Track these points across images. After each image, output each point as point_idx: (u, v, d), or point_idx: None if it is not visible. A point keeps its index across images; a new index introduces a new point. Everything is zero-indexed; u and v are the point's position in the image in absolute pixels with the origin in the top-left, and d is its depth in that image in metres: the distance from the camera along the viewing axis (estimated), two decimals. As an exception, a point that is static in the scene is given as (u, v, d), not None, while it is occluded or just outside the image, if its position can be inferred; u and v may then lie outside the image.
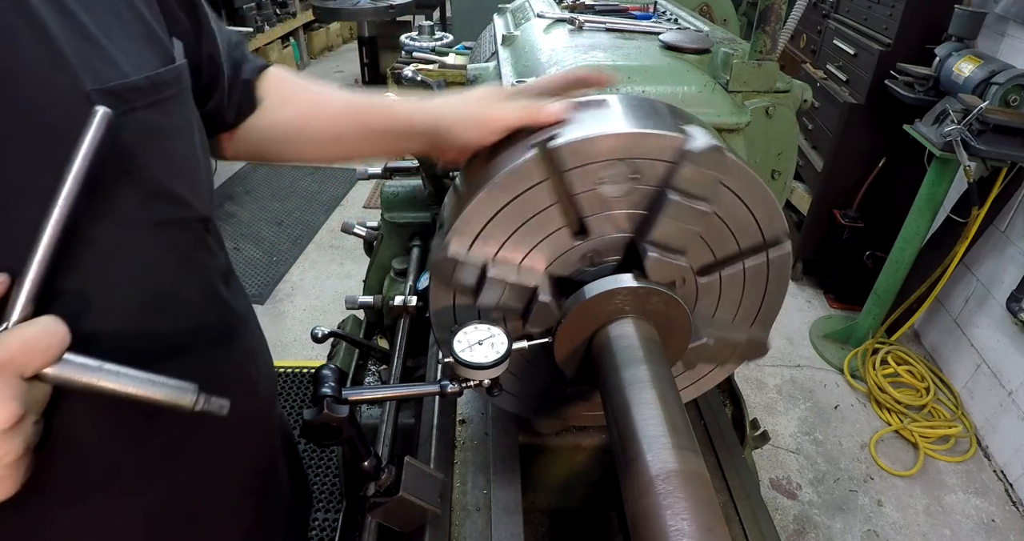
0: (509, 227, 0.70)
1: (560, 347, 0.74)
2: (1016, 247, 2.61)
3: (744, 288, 0.79)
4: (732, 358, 0.84)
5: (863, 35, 3.03)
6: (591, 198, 0.69)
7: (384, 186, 1.63)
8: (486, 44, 1.53)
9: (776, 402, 2.89)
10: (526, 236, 0.71)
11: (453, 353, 0.69)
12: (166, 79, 0.64)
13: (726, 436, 1.09)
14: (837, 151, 3.11)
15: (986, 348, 2.75)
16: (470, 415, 1.04)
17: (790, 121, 0.98)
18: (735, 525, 0.94)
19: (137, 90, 0.60)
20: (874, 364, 2.95)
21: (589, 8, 1.27)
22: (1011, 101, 2.31)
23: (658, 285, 0.70)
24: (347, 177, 4.69)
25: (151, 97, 0.61)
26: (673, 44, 0.99)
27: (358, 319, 1.78)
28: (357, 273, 3.58)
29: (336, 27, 8.07)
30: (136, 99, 0.60)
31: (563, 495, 1.04)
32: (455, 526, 0.88)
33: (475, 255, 0.71)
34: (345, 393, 0.73)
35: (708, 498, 0.54)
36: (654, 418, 0.60)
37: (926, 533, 2.35)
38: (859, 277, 3.24)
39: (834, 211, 3.24)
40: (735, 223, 0.73)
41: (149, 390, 0.51)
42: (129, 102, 0.59)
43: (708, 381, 0.90)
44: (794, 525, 2.34)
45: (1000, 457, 2.62)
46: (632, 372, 0.65)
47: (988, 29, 2.70)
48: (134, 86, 0.59)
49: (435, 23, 4.79)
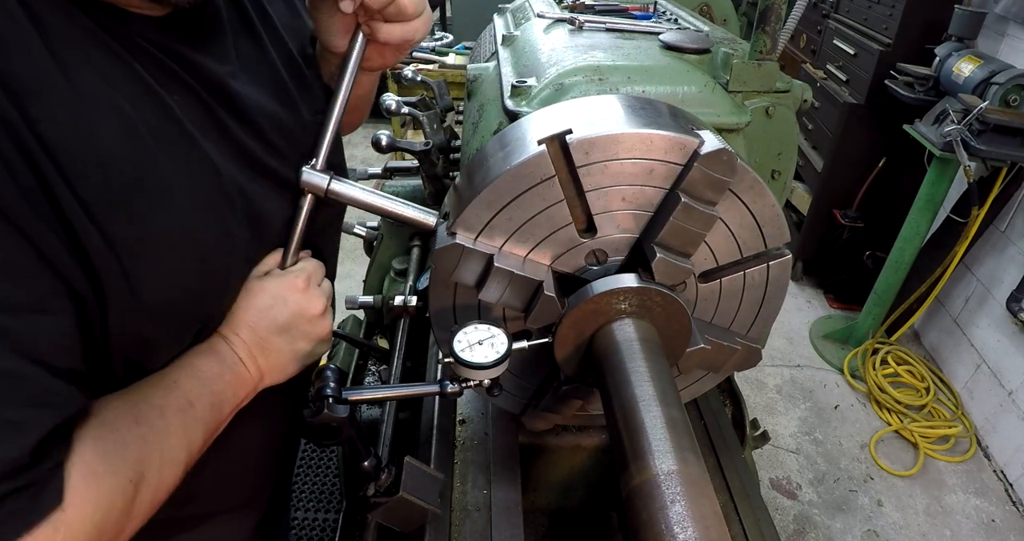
0: (517, 220, 0.69)
1: (560, 346, 0.74)
2: (1016, 247, 2.61)
3: (743, 296, 0.79)
4: (726, 366, 0.84)
5: (863, 35, 3.03)
6: (601, 196, 0.69)
7: (384, 186, 1.63)
8: (486, 44, 1.53)
9: (776, 402, 2.89)
10: (534, 230, 0.70)
11: (453, 353, 0.69)
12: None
13: (726, 436, 1.09)
14: (837, 151, 3.11)
15: (986, 348, 2.75)
16: (470, 415, 1.04)
17: (790, 121, 0.98)
18: (735, 525, 0.94)
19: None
20: (874, 364, 2.95)
21: (589, 8, 1.27)
22: (1011, 101, 2.31)
23: (661, 286, 0.70)
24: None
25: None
26: (673, 44, 0.99)
27: (358, 319, 1.78)
28: (357, 273, 3.57)
29: (336, 27, 8.06)
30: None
31: (563, 495, 1.04)
32: (455, 526, 0.88)
33: (481, 245, 0.70)
34: (345, 393, 0.73)
35: (708, 498, 0.54)
36: (654, 418, 0.60)
37: (926, 533, 2.35)
38: (859, 277, 3.24)
39: (834, 211, 3.24)
40: (740, 230, 0.74)
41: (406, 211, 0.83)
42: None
43: (708, 381, 0.90)
44: (794, 525, 2.35)
45: (1000, 457, 2.62)
46: (632, 372, 0.65)
47: (988, 29, 2.70)
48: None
49: (435, 23, 4.79)
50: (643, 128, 0.67)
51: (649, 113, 0.71)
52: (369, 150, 5.04)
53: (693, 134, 0.67)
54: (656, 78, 0.90)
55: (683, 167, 0.67)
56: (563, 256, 0.73)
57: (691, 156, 0.67)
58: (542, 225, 0.70)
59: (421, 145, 1.45)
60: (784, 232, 0.75)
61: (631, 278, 0.70)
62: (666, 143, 0.66)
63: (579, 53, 0.95)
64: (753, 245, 0.75)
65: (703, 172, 0.66)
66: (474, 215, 0.69)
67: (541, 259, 0.73)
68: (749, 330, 0.83)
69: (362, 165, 1.78)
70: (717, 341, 0.79)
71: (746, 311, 0.81)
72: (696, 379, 0.89)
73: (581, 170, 0.67)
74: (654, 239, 0.70)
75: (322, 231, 0.87)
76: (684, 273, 0.72)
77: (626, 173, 0.68)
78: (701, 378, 0.89)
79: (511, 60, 1.06)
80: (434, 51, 3.84)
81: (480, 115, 1.05)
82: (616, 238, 0.73)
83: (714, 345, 0.79)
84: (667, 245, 0.70)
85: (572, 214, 0.70)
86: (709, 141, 0.66)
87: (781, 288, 0.79)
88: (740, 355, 0.82)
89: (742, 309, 0.81)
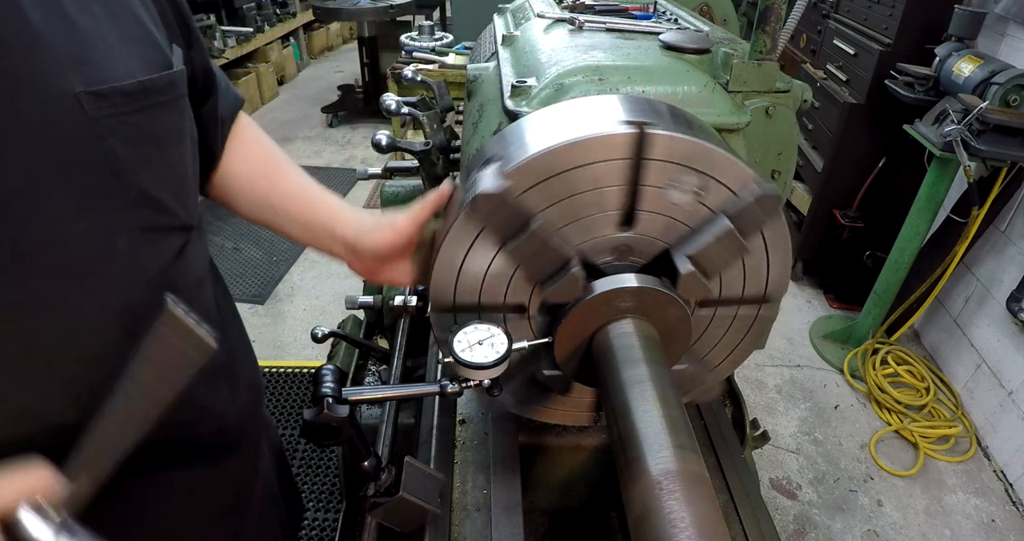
0: (565, 192, 0.68)
1: (560, 346, 0.74)
2: (1016, 247, 2.61)
3: (726, 332, 0.82)
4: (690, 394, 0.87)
5: (863, 35, 3.03)
6: (654, 195, 0.70)
7: (384, 186, 1.62)
8: (486, 44, 1.53)
9: (776, 402, 2.88)
10: (575, 206, 0.69)
11: (453, 353, 0.69)
12: (158, 85, 0.63)
13: (726, 436, 1.09)
14: (837, 151, 3.11)
15: (986, 348, 2.75)
16: (470, 415, 1.04)
17: (790, 121, 0.98)
18: (735, 525, 0.94)
19: (126, 94, 0.59)
20: (874, 364, 2.95)
21: (589, 8, 1.27)
22: (1011, 101, 2.30)
23: (663, 287, 0.71)
24: (347, 177, 4.69)
25: (141, 102, 0.61)
26: (673, 44, 0.99)
27: (358, 319, 1.78)
28: (357, 273, 3.58)
29: (336, 27, 8.08)
30: (125, 104, 0.59)
31: (563, 495, 1.04)
32: (455, 526, 0.88)
33: (526, 201, 0.67)
34: (345, 393, 0.73)
35: (708, 498, 0.54)
36: (654, 418, 0.60)
37: (926, 533, 2.35)
38: (859, 277, 3.24)
39: (834, 211, 3.24)
40: (751, 271, 0.76)
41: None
42: (117, 106, 0.58)
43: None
44: (794, 525, 2.34)
45: (1000, 457, 2.62)
46: (633, 372, 0.65)
47: (988, 29, 2.69)
48: (123, 90, 0.59)
49: (435, 23, 4.79)
50: (725, 150, 0.69)
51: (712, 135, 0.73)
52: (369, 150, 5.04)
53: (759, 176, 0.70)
54: (656, 78, 0.90)
55: (735, 195, 0.70)
56: (591, 242, 0.73)
57: (747, 187, 0.69)
58: (586, 204, 0.69)
59: (421, 145, 1.45)
60: (785, 286, 0.78)
61: (632, 278, 0.70)
62: (731, 166, 0.68)
63: (579, 53, 0.95)
64: (756, 289, 0.78)
65: (752, 206, 0.69)
66: (532, 167, 0.66)
67: (573, 237, 0.72)
68: (718, 366, 0.86)
69: (362, 165, 1.78)
70: (691, 367, 0.82)
71: (722, 347, 0.84)
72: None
73: (650, 163, 0.67)
74: (686, 252, 0.71)
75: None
76: (704, 292, 0.73)
77: (687, 182, 0.69)
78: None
79: (511, 60, 1.06)
80: (434, 51, 3.84)
81: (480, 115, 1.05)
82: (649, 240, 0.73)
83: (691, 369, 0.82)
84: (696, 262, 0.71)
85: (621, 202, 0.70)
86: (768, 184, 0.70)
87: (759, 335, 0.83)
88: (704, 387, 0.85)
89: (720, 344, 0.83)
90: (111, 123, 0.58)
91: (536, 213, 0.68)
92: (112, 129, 0.58)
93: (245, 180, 0.89)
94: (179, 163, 0.69)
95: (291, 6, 6.59)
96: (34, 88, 0.53)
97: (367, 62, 5.60)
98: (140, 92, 0.61)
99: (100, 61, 0.58)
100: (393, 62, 4.11)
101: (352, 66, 6.74)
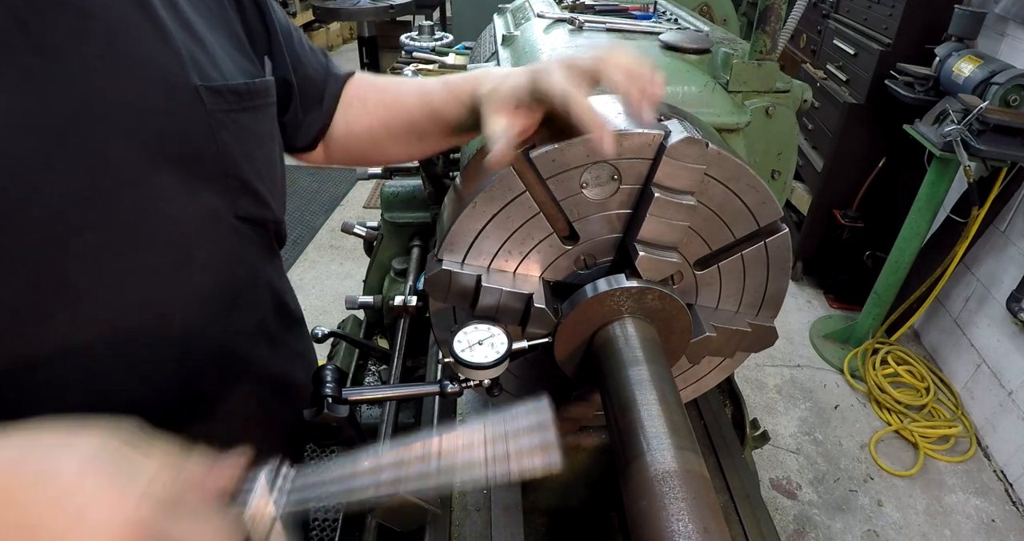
0: (499, 238, 0.70)
1: (560, 348, 0.74)
2: (1016, 247, 2.61)
3: (745, 277, 0.78)
4: (740, 349, 0.83)
5: (863, 35, 3.03)
6: (576, 202, 0.69)
7: (384, 186, 1.62)
8: (486, 44, 1.53)
9: (776, 402, 2.89)
10: (517, 245, 0.71)
11: (453, 353, 0.69)
12: (259, 89, 0.69)
13: (726, 436, 1.09)
14: (837, 151, 3.11)
15: (986, 348, 2.75)
16: (470, 415, 1.04)
17: (790, 121, 0.98)
18: (735, 525, 0.94)
19: (236, 93, 0.65)
20: (874, 364, 2.95)
21: (589, 8, 1.27)
22: (1011, 101, 2.31)
23: (653, 284, 0.70)
24: (347, 177, 4.69)
25: (245, 102, 0.67)
26: (673, 44, 0.99)
27: (358, 319, 1.78)
28: (357, 273, 3.58)
29: (336, 27, 8.07)
30: (234, 101, 0.65)
31: (563, 495, 1.04)
32: (455, 526, 0.88)
33: (469, 267, 0.71)
34: (345, 393, 0.73)
35: (708, 498, 0.54)
36: (654, 418, 0.60)
37: (926, 533, 2.35)
38: (859, 277, 3.24)
39: (834, 211, 3.24)
40: (726, 213, 0.72)
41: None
42: (229, 103, 0.64)
43: (709, 380, 0.90)
44: (794, 525, 2.34)
45: (1000, 457, 2.62)
46: (632, 372, 0.65)
47: (988, 29, 2.70)
48: (234, 89, 0.65)
49: (435, 23, 4.78)
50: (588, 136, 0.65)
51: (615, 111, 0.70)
52: (369, 150, 5.04)
53: (658, 126, 0.66)
54: (656, 78, 0.89)
55: (651, 161, 0.67)
56: (552, 265, 0.73)
57: (658, 149, 0.66)
58: (525, 239, 0.70)
59: (421, 145, 1.45)
60: (774, 207, 0.73)
61: (620, 279, 0.70)
62: (629, 141, 0.65)
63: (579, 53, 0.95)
64: (744, 226, 0.74)
65: (672, 163, 0.65)
66: (458, 238, 0.69)
67: (531, 271, 0.73)
68: (759, 311, 0.82)
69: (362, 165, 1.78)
70: (724, 326, 0.78)
71: (751, 292, 0.79)
72: (703, 375, 0.89)
73: (550, 181, 0.67)
74: (636, 237, 0.69)
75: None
76: (670, 267, 0.71)
77: (597, 176, 0.68)
78: (708, 373, 0.89)
79: (511, 60, 1.07)
80: (434, 51, 3.83)
81: (480, 115, 1.05)
82: (601, 240, 0.73)
83: (721, 331, 0.77)
84: (650, 241, 0.69)
85: (552, 224, 0.70)
86: (675, 131, 0.65)
87: (784, 263, 0.77)
88: (752, 336, 0.80)
89: (747, 290, 0.79)
90: (223, 118, 0.63)
91: (487, 266, 0.71)
92: (224, 124, 0.63)
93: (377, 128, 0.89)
94: (273, 161, 0.75)
95: (291, 6, 6.59)
96: (163, 77, 0.58)
97: (367, 62, 5.60)
98: (246, 93, 0.67)
99: (210, 63, 0.64)
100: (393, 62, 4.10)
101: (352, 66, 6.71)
